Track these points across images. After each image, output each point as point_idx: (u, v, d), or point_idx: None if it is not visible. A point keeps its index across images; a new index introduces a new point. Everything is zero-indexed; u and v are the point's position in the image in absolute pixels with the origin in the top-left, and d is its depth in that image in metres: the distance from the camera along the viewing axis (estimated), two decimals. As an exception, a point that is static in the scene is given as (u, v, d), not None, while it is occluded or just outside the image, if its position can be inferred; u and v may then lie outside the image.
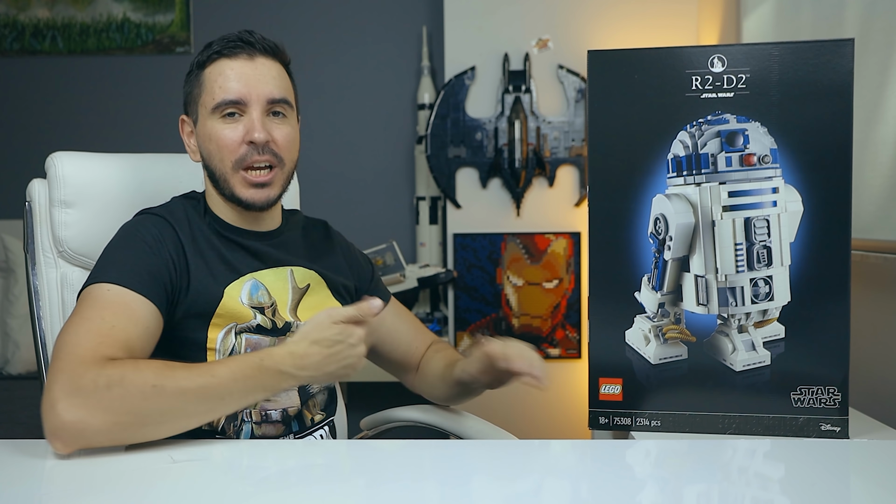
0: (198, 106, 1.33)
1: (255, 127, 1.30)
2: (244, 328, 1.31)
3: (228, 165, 1.31)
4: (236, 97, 1.30)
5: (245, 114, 1.31)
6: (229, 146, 1.30)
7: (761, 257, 1.20)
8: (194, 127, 1.36)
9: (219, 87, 1.30)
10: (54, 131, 3.38)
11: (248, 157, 1.31)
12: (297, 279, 1.38)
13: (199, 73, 1.34)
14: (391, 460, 1.11)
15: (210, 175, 1.35)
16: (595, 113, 1.25)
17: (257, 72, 1.32)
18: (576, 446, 1.24)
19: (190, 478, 1.01)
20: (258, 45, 1.33)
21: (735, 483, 1.02)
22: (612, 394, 1.27)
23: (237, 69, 1.31)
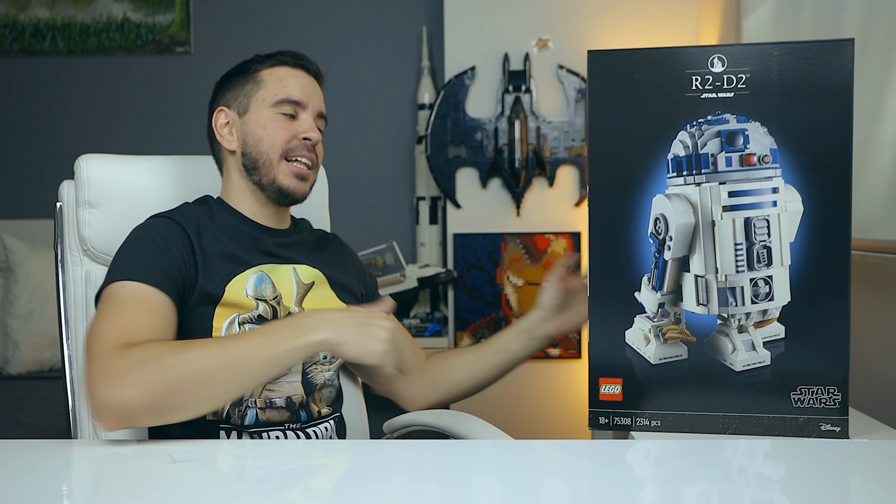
0: (251, 99, 1.43)
1: (312, 127, 1.43)
2: (247, 318, 1.35)
3: (277, 153, 1.41)
4: (298, 99, 1.43)
5: (298, 118, 1.43)
6: (283, 136, 1.41)
7: (761, 257, 1.20)
8: (239, 118, 1.44)
9: (283, 86, 1.43)
10: (53, 132, 3.38)
11: (297, 149, 1.42)
12: (300, 276, 1.44)
13: (254, 73, 1.45)
14: (391, 460, 1.11)
15: (248, 163, 1.42)
16: (595, 113, 1.25)
17: (313, 86, 1.47)
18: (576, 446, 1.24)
19: (190, 478, 1.01)
20: (314, 67, 1.49)
21: (735, 483, 1.02)
22: (612, 394, 1.27)
23: (299, 77, 1.45)
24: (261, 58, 1.48)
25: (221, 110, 1.46)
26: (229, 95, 1.47)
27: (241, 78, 1.46)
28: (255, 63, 1.47)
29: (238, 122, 1.44)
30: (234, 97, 1.46)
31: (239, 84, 1.46)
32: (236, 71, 1.48)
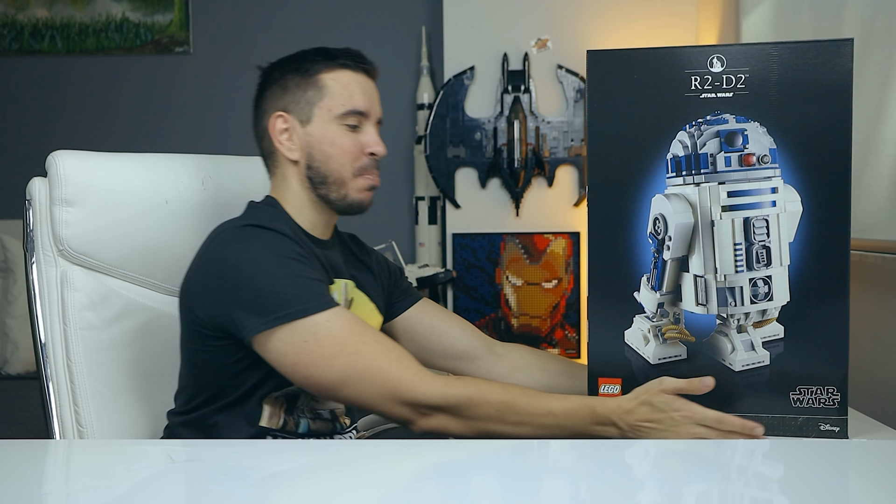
0: (313, 107, 1.37)
1: (379, 141, 1.39)
2: None
3: (349, 170, 1.37)
4: (364, 109, 1.38)
5: (362, 126, 1.39)
6: (353, 153, 1.37)
7: (760, 257, 1.20)
8: (301, 126, 1.38)
9: (349, 96, 1.37)
10: (53, 131, 3.38)
11: (368, 167, 1.39)
12: (348, 291, 1.42)
13: (314, 77, 1.37)
14: (391, 460, 1.11)
15: (316, 175, 1.38)
16: (594, 113, 1.25)
17: (374, 91, 1.42)
18: (575, 446, 1.24)
19: (190, 477, 1.01)
20: (374, 68, 1.43)
21: (734, 483, 1.02)
22: (612, 393, 1.27)
23: (362, 83, 1.40)
24: (320, 56, 1.39)
25: (280, 115, 1.38)
26: (288, 99, 1.39)
27: (300, 79, 1.38)
28: (314, 62, 1.39)
29: (300, 131, 1.38)
30: (294, 102, 1.38)
31: (298, 87, 1.38)
32: (291, 68, 1.40)
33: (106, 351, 1.42)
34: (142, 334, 1.44)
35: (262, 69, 1.44)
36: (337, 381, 1.22)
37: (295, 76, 1.38)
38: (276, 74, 1.41)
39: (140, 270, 1.46)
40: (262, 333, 1.23)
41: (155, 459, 1.05)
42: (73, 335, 1.40)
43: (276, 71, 1.41)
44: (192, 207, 1.50)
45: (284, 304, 1.23)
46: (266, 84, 1.42)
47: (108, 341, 1.43)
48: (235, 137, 3.48)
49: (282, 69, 1.41)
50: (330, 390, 1.24)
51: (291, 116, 1.38)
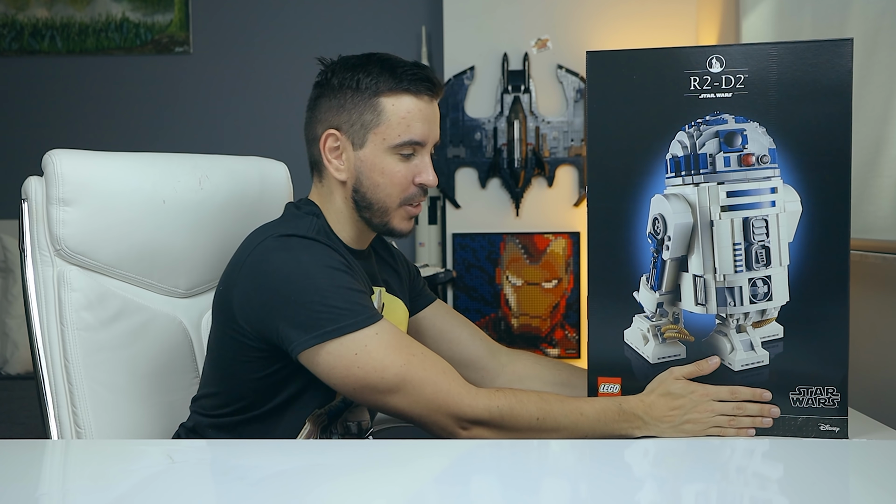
0: (368, 132, 1.31)
1: (431, 172, 1.35)
2: None
3: (396, 201, 1.33)
4: (420, 139, 1.32)
5: (417, 154, 1.34)
6: (402, 184, 1.33)
7: (760, 257, 1.20)
8: (353, 149, 1.33)
9: (406, 126, 1.31)
10: (53, 131, 3.38)
11: (416, 197, 1.35)
12: (381, 297, 1.41)
13: (374, 99, 1.31)
14: (391, 460, 1.11)
15: (362, 199, 1.34)
16: (593, 113, 1.25)
17: (434, 114, 1.36)
18: (575, 446, 1.24)
19: (189, 477, 1.01)
20: (437, 86, 1.35)
21: (733, 483, 1.02)
22: (611, 393, 1.27)
23: (423, 111, 1.33)
24: (385, 75, 1.32)
25: (332, 133, 1.33)
26: (343, 117, 1.32)
27: (359, 99, 1.31)
28: (376, 81, 1.31)
29: (352, 153, 1.33)
30: (349, 122, 1.32)
31: (355, 107, 1.32)
32: (352, 82, 1.32)
33: (103, 351, 1.42)
34: (139, 334, 1.44)
35: (323, 65, 1.38)
36: (387, 390, 1.22)
37: (354, 94, 1.32)
38: (334, 82, 1.34)
39: (137, 270, 1.45)
40: (312, 348, 1.23)
41: (154, 459, 1.05)
42: (70, 335, 1.39)
43: (336, 78, 1.34)
44: (190, 207, 1.50)
45: (335, 318, 1.22)
46: (323, 89, 1.36)
47: (105, 341, 1.42)
48: (234, 137, 3.49)
49: (342, 78, 1.33)
50: (378, 401, 1.24)
51: (344, 136, 1.33)
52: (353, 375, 1.22)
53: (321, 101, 1.35)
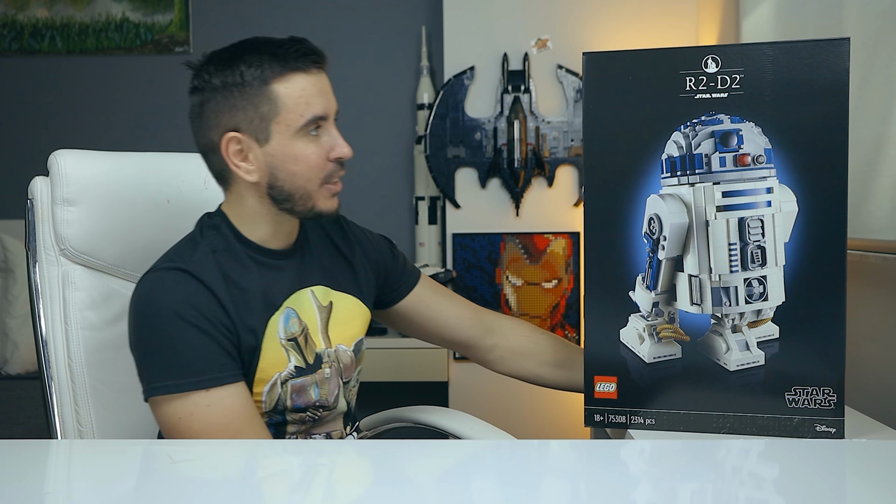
0: (269, 124, 1.25)
1: (342, 143, 1.30)
2: (287, 376, 1.30)
3: (316, 183, 1.29)
4: (323, 113, 1.27)
5: (323, 128, 1.29)
6: (318, 165, 1.28)
7: (755, 257, 1.21)
8: (259, 146, 1.27)
9: (306, 104, 1.25)
10: (53, 131, 3.39)
11: (334, 173, 1.30)
12: (319, 298, 1.37)
13: (265, 88, 1.24)
14: (390, 460, 1.11)
15: (280, 193, 1.28)
16: (590, 114, 1.25)
17: (327, 86, 1.30)
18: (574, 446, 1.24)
19: (189, 477, 1.01)
20: (322, 56, 1.29)
21: (729, 483, 1.03)
22: (607, 392, 1.27)
23: (316, 84, 1.27)
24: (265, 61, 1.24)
25: (232, 136, 1.26)
26: (239, 117, 1.25)
27: (248, 93, 1.24)
28: (257, 70, 1.24)
29: (258, 150, 1.26)
30: (247, 120, 1.25)
31: (247, 102, 1.25)
32: (234, 79, 1.25)
33: (107, 350, 1.42)
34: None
35: (193, 69, 1.30)
36: None
37: (242, 89, 1.24)
38: (216, 83, 1.26)
39: (141, 270, 1.45)
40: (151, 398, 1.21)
41: (155, 459, 1.05)
42: (75, 334, 1.40)
43: (216, 78, 1.26)
44: (194, 207, 1.50)
45: (165, 374, 1.19)
46: (205, 93, 1.28)
47: (108, 341, 1.43)
48: (236, 137, 3.49)
49: (223, 76, 1.25)
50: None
51: (246, 136, 1.26)
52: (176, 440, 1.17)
53: (207, 107, 1.28)
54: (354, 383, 1.42)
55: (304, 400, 1.31)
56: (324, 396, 1.33)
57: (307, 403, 1.32)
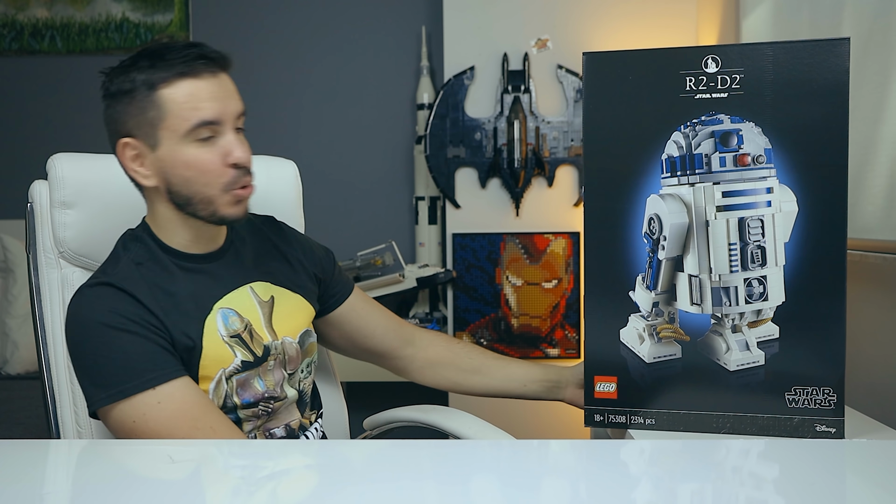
0: (157, 129, 1.24)
1: (238, 148, 1.27)
2: (231, 371, 1.30)
3: (216, 189, 1.27)
4: (213, 118, 1.25)
5: (217, 134, 1.26)
6: (214, 170, 1.26)
7: (755, 257, 1.21)
8: (150, 151, 1.26)
9: (192, 109, 1.23)
10: (53, 131, 3.38)
11: (236, 180, 1.28)
12: (259, 294, 1.37)
13: (152, 94, 1.24)
14: (390, 460, 1.11)
15: (179, 198, 1.28)
16: (590, 114, 1.25)
17: (223, 88, 1.27)
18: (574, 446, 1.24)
19: (190, 477, 1.01)
20: (218, 60, 1.28)
21: (729, 483, 1.02)
22: (607, 392, 1.27)
23: (207, 89, 1.25)
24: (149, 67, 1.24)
25: (126, 143, 1.27)
26: (130, 124, 1.26)
27: (137, 98, 1.24)
28: (145, 76, 1.24)
29: (151, 156, 1.26)
30: (136, 126, 1.25)
31: (137, 108, 1.25)
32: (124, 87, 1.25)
33: (104, 351, 1.42)
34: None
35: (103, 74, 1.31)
36: None
37: (133, 96, 1.25)
38: (113, 90, 1.27)
39: (138, 271, 1.46)
40: (99, 410, 1.21)
41: (155, 459, 1.05)
42: (73, 336, 1.40)
43: (113, 85, 1.27)
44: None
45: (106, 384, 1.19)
46: (107, 100, 1.29)
47: (106, 342, 1.43)
48: (236, 137, 3.49)
49: (118, 83, 1.26)
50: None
51: (138, 142, 1.26)
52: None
53: (108, 113, 1.29)
54: (305, 374, 1.42)
55: (251, 393, 1.32)
56: (270, 387, 1.33)
57: (255, 397, 1.32)
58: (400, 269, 2.93)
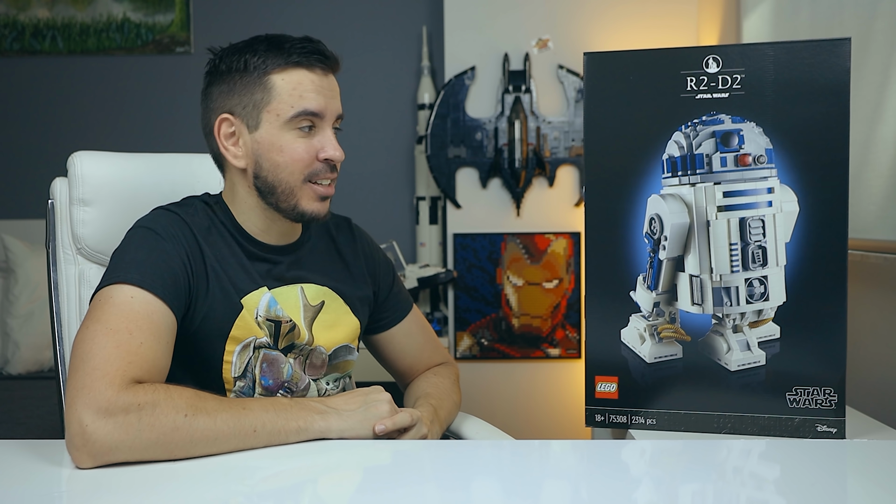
0: (261, 111, 1.27)
1: (334, 145, 1.30)
2: (263, 343, 1.31)
3: (300, 178, 1.29)
4: (317, 109, 1.28)
5: (317, 127, 1.29)
6: (304, 160, 1.28)
7: (756, 257, 1.21)
8: (248, 132, 1.29)
9: (299, 97, 1.27)
10: (53, 132, 3.38)
11: (320, 172, 1.30)
12: (308, 297, 1.37)
13: (263, 77, 1.27)
14: (390, 460, 1.11)
15: (264, 185, 1.30)
16: (591, 114, 1.25)
17: (331, 86, 1.31)
18: (574, 446, 1.24)
19: (190, 477, 1.01)
20: (332, 59, 1.31)
21: (730, 483, 1.02)
22: (608, 392, 1.27)
23: (316, 82, 1.28)
24: (271, 52, 1.28)
25: (225, 118, 1.29)
26: (234, 100, 1.29)
27: (246, 79, 1.28)
28: (263, 59, 1.27)
29: (248, 136, 1.29)
30: (241, 104, 1.28)
31: (245, 88, 1.28)
32: (239, 64, 1.28)
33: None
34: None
35: (212, 54, 1.34)
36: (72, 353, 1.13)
37: (242, 75, 1.28)
38: (222, 67, 1.30)
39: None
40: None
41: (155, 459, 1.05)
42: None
43: (223, 63, 1.30)
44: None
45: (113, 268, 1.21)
46: (212, 77, 1.33)
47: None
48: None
49: (229, 63, 1.30)
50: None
51: (238, 120, 1.29)
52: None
53: (212, 90, 1.32)
54: (333, 388, 1.41)
55: (275, 375, 1.32)
56: (295, 380, 1.34)
57: (277, 380, 1.32)
58: (401, 269, 2.93)
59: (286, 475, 1.05)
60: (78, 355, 1.10)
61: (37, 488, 1.01)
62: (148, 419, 1.04)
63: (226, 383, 1.30)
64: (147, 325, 1.16)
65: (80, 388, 1.06)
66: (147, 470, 1.03)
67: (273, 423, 1.12)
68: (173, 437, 1.05)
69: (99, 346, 1.10)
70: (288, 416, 1.13)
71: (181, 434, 1.06)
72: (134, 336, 1.13)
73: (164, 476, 1.01)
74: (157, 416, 1.05)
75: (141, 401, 1.05)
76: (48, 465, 1.06)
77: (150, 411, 1.05)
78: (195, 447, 1.07)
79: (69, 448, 1.04)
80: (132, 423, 1.03)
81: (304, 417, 1.14)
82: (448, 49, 2.92)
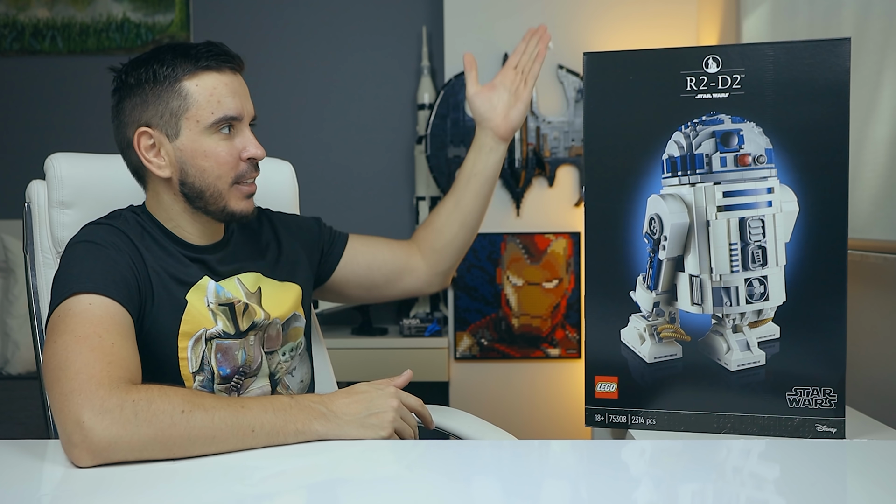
0: (180, 119, 1.28)
1: (255, 143, 1.32)
2: (213, 334, 1.32)
3: (227, 182, 1.31)
4: (235, 113, 1.30)
5: (235, 129, 1.31)
6: (230, 162, 1.30)
7: (756, 257, 1.21)
8: (169, 141, 1.30)
9: (217, 102, 1.28)
10: (54, 132, 3.39)
11: (247, 173, 1.33)
12: (247, 285, 1.40)
13: (176, 85, 1.28)
14: (390, 460, 1.11)
15: (191, 190, 1.31)
16: (591, 114, 1.25)
17: (242, 86, 1.34)
18: (574, 446, 1.24)
19: (190, 478, 1.01)
20: (237, 60, 1.33)
21: (730, 483, 1.02)
22: (608, 392, 1.27)
23: (229, 84, 1.30)
24: (178, 59, 1.29)
25: (144, 132, 1.30)
26: (150, 112, 1.29)
27: (158, 89, 1.28)
28: (171, 68, 1.28)
29: (169, 146, 1.30)
30: (157, 115, 1.29)
31: (158, 98, 1.28)
32: (148, 76, 1.29)
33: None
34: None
35: (114, 72, 1.35)
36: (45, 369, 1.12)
37: (153, 86, 1.29)
38: (131, 81, 1.31)
39: (138, 271, 1.46)
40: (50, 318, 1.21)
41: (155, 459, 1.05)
42: (69, 336, 1.40)
43: (131, 77, 1.31)
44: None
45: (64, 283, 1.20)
46: (122, 92, 1.33)
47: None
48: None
49: (137, 75, 1.30)
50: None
51: (157, 131, 1.30)
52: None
53: (123, 105, 1.33)
54: (286, 358, 1.44)
55: (230, 363, 1.34)
56: (248, 363, 1.36)
57: (233, 367, 1.34)
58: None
59: (286, 475, 1.05)
60: (54, 367, 1.09)
61: (36, 488, 1.01)
62: (145, 414, 1.04)
63: (185, 380, 1.31)
64: (114, 327, 1.16)
65: (69, 393, 1.05)
66: (146, 470, 1.03)
67: (272, 424, 1.12)
68: (171, 433, 1.05)
69: (74, 353, 1.10)
70: (287, 418, 1.13)
71: (179, 430, 1.05)
72: (104, 339, 1.13)
73: (162, 476, 1.01)
74: (154, 412, 1.05)
75: (135, 397, 1.05)
76: (48, 465, 1.06)
77: (145, 406, 1.05)
78: (193, 445, 1.07)
79: (66, 448, 1.04)
80: (129, 417, 1.03)
81: (302, 420, 1.14)
82: (448, 49, 2.92)
